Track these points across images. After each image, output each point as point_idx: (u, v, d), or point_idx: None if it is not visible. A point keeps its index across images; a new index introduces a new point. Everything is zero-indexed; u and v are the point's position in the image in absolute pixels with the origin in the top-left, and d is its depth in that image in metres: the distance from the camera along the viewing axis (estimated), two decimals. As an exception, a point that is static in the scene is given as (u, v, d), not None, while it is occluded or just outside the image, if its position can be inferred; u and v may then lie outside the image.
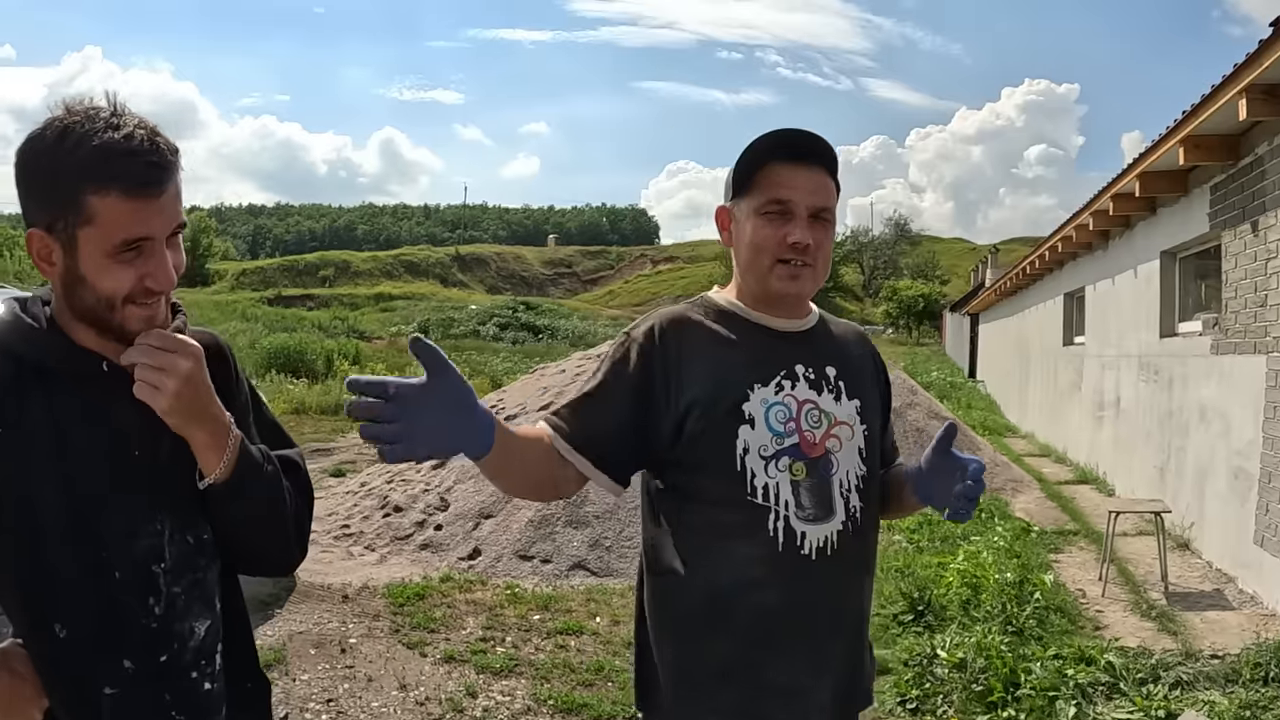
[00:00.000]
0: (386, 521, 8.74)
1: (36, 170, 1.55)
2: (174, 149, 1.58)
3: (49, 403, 1.60)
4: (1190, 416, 8.67)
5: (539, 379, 11.79)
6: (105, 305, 1.58)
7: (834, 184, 2.09)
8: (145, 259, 1.57)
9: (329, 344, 30.95)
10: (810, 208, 2.02)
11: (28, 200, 1.58)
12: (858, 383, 2.12)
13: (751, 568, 1.96)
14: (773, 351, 2.06)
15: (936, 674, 5.20)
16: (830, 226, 2.08)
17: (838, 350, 2.15)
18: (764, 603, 1.96)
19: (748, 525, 1.96)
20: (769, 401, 2.00)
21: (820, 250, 2.05)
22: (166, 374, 1.57)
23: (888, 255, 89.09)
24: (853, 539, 2.01)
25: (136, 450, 1.64)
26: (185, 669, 1.67)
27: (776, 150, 2.04)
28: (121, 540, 1.61)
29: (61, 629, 1.59)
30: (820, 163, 2.06)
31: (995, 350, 28.07)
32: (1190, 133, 7.49)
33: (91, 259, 1.55)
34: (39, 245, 1.57)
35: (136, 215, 1.54)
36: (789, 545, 1.96)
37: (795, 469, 1.98)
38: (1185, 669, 5.25)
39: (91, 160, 1.50)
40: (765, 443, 1.97)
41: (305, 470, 1.89)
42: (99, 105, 1.55)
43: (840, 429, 2.04)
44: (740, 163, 2.07)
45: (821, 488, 2.00)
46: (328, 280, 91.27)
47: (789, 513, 1.96)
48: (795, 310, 2.14)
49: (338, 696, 5.19)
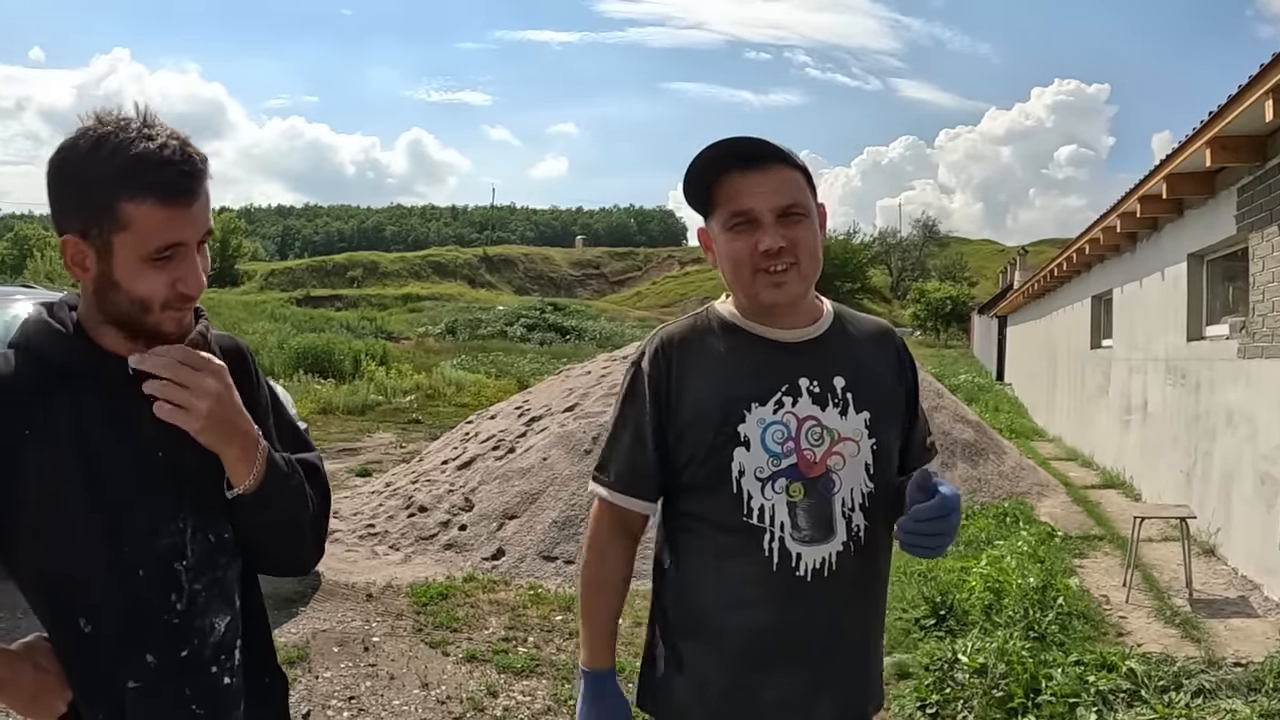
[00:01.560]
0: (411, 521, 8.79)
1: (72, 179, 1.60)
2: (204, 158, 1.64)
3: (75, 405, 1.64)
4: (1217, 421, 8.61)
5: (564, 380, 11.82)
6: (140, 309, 1.62)
7: (800, 176, 2.02)
8: (177, 264, 1.62)
9: (357, 344, 31.08)
10: (775, 209, 1.97)
11: (62, 207, 1.63)
12: (870, 391, 2.07)
13: (745, 588, 1.98)
14: (774, 366, 2.03)
15: (957, 679, 5.18)
16: (806, 220, 2.01)
17: (850, 356, 2.10)
18: (757, 623, 1.98)
19: (743, 546, 1.97)
20: (766, 421, 1.98)
21: (800, 247, 1.99)
22: (195, 395, 1.61)
23: (916, 257, 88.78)
24: (854, 559, 2.00)
25: (160, 452, 1.68)
26: (206, 664, 1.72)
27: (725, 161, 2.00)
28: (145, 539, 1.66)
29: (86, 624, 1.64)
30: (775, 161, 2.00)
31: (1023, 353, 27.92)
32: (1217, 134, 7.43)
33: (126, 264, 1.59)
34: (73, 251, 1.62)
35: (170, 222, 1.59)
36: (783, 566, 1.96)
37: (793, 490, 1.97)
38: (1208, 677, 5.21)
39: (127, 169, 1.55)
40: (761, 464, 1.97)
41: (324, 473, 1.94)
42: (129, 115, 1.60)
43: (844, 445, 2.01)
44: (690, 182, 2.04)
45: (820, 508, 1.98)
46: (356, 281, 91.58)
47: (784, 534, 1.96)
48: (798, 317, 2.09)
49: (360, 694, 5.24)
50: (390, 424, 19.14)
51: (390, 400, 22.40)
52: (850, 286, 72.82)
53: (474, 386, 25.28)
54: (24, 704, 1.68)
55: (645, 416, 2.05)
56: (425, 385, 24.46)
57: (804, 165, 2.03)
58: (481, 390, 24.47)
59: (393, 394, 23.02)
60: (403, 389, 23.68)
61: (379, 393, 22.93)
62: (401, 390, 23.54)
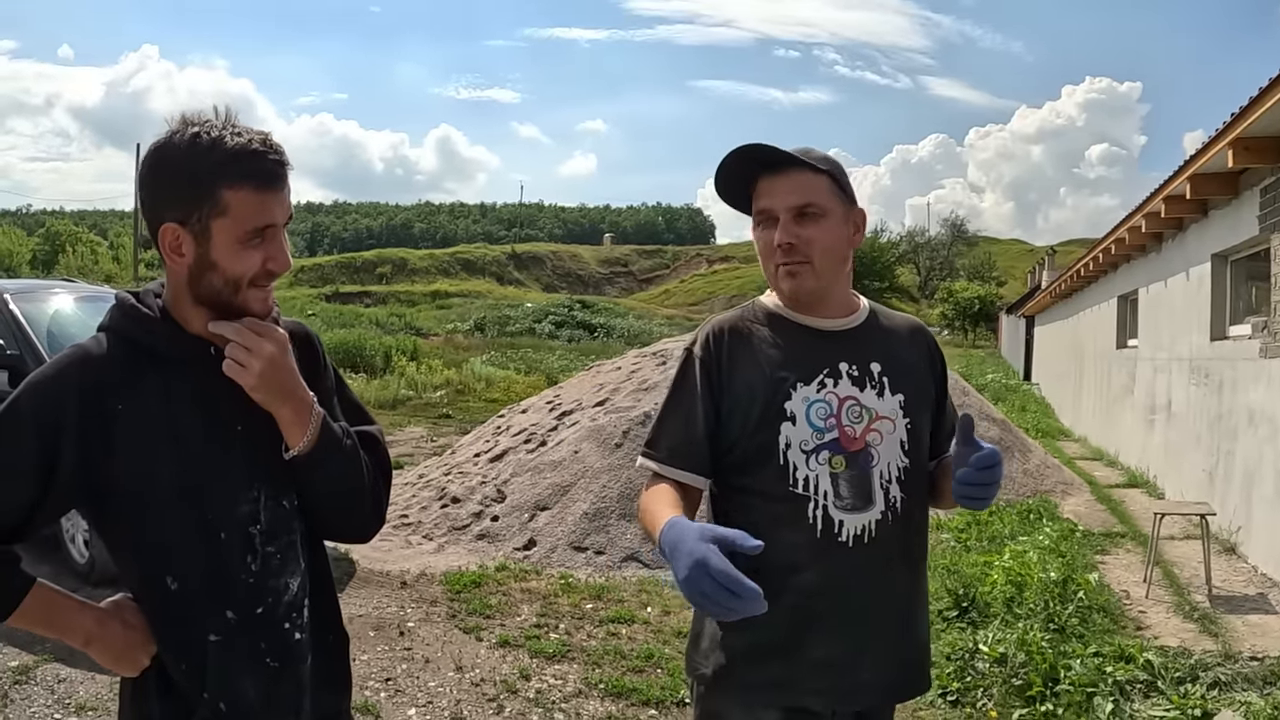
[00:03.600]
0: (444, 512, 8.97)
1: (173, 171, 1.77)
2: (284, 150, 1.83)
3: (163, 385, 1.81)
4: (1239, 420, 8.67)
5: (594, 376, 11.96)
6: (232, 288, 1.80)
7: (823, 180, 2.19)
8: (268, 244, 1.82)
9: (388, 340, 31.34)
10: (790, 208, 2.16)
11: (161, 198, 1.79)
12: (904, 377, 2.25)
13: (793, 553, 2.12)
14: (816, 350, 2.21)
15: (977, 668, 5.31)
16: (821, 219, 2.17)
17: (885, 345, 2.28)
18: (804, 584, 2.12)
19: (790, 514, 2.13)
20: (810, 399, 2.16)
21: (812, 245, 2.17)
22: (253, 355, 1.79)
23: (944, 256, 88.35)
24: (893, 527, 2.16)
25: (239, 426, 1.85)
26: (279, 620, 1.88)
27: (754, 166, 2.21)
28: (226, 506, 1.83)
29: (173, 582, 1.81)
30: (797, 166, 2.18)
31: (1050, 353, 27.82)
32: (1239, 135, 7.46)
33: (224, 246, 1.77)
34: (171, 238, 1.79)
35: (264, 206, 1.79)
36: (827, 532, 2.12)
37: (835, 462, 2.14)
38: (1224, 670, 5.30)
39: (227, 160, 1.74)
40: (806, 438, 2.14)
41: (384, 446, 2.10)
42: (209, 117, 1.79)
43: (881, 423, 2.18)
44: (724, 186, 2.27)
45: (861, 479, 2.15)
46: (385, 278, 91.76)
47: (827, 502, 2.13)
48: (835, 309, 2.28)
49: (396, 676, 5.41)
50: (421, 418, 19.36)
51: (421, 395, 22.61)
52: (878, 285, 72.27)
53: (503, 382, 25.44)
54: (113, 658, 1.84)
55: (698, 397, 2.21)
56: (455, 381, 24.65)
57: (831, 170, 2.21)
58: (511, 386, 24.62)
59: (423, 389, 23.21)
60: (433, 384, 23.86)
61: (410, 388, 23.14)
62: (432, 385, 23.72)
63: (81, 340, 1.86)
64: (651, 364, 11.16)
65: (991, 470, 2.03)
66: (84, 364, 1.79)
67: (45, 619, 1.82)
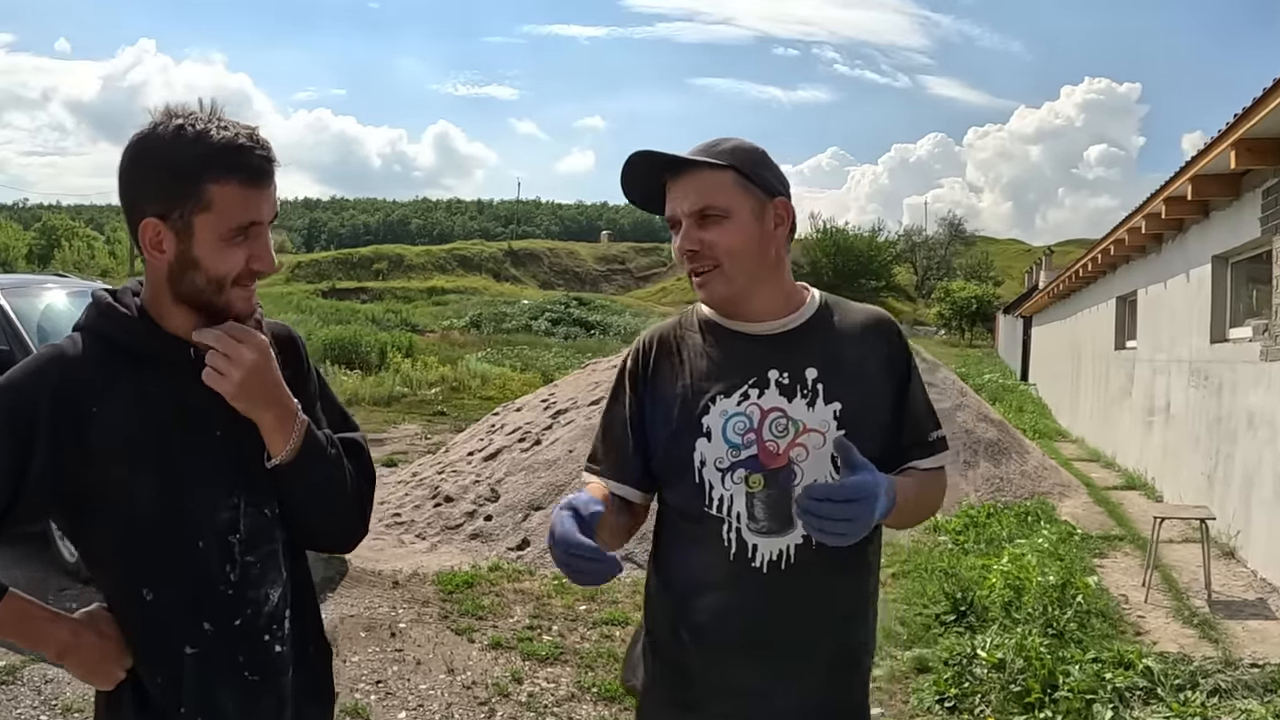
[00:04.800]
0: (437, 511, 8.91)
1: (155, 163, 1.71)
2: (272, 146, 1.76)
3: (140, 386, 1.74)
4: (1239, 423, 8.62)
5: (590, 374, 11.91)
6: (214, 287, 1.74)
7: (727, 174, 2.01)
8: (252, 242, 1.75)
9: (383, 336, 31.21)
10: (690, 212, 2.02)
11: (142, 192, 1.73)
12: (845, 382, 2.04)
13: (706, 573, 2.02)
14: (744, 358, 2.06)
15: (975, 674, 5.26)
16: (724, 220, 2.01)
17: (828, 347, 2.08)
18: (714, 606, 2.02)
19: (704, 534, 2.02)
20: (729, 413, 2.01)
21: (717, 248, 2.01)
22: (233, 362, 1.71)
23: (941, 255, 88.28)
24: (815, 553, 1.97)
25: (218, 431, 1.78)
26: (259, 632, 1.82)
27: (658, 170, 2.08)
28: (204, 513, 1.76)
29: (149, 593, 1.74)
30: (692, 167, 2.03)
31: (1047, 353, 27.81)
32: (1242, 136, 7.42)
33: (206, 243, 1.71)
34: (152, 233, 1.72)
35: (249, 202, 1.72)
36: (740, 556, 1.99)
37: (752, 481, 1.99)
38: (1224, 677, 5.25)
39: (212, 153, 1.68)
40: (721, 455, 2.00)
41: (368, 453, 2.04)
42: (194, 109, 1.72)
43: (809, 437, 2.00)
44: (633, 193, 2.15)
45: (780, 500, 1.98)
46: (381, 274, 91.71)
47: (740, 524, 1.99)
48: (771, 310, 2.11)
49: (387, 678, 5.36)
50: (416, 415, 19.28)
51: (416, 392, 22.50)
52: (875, 284, 72.32)
53: (499, 380, 25.35)
54: (88, 670, 1.79)
55: (626, 410, 2.14)
56: (450, 378, 24.54)
57: (736, 163, 2.03)
58: (506, 383, 24.53)
59: (418, 386, 23.11)
60: (428, 381, 23.77)
61: (405, 384, 23.03)
62: (427, 382, 23.63)
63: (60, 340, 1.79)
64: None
65: (843, 505, 1.78)
66: (58, 365, 1.72)
67: (18, 630, 1.76)
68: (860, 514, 1.79)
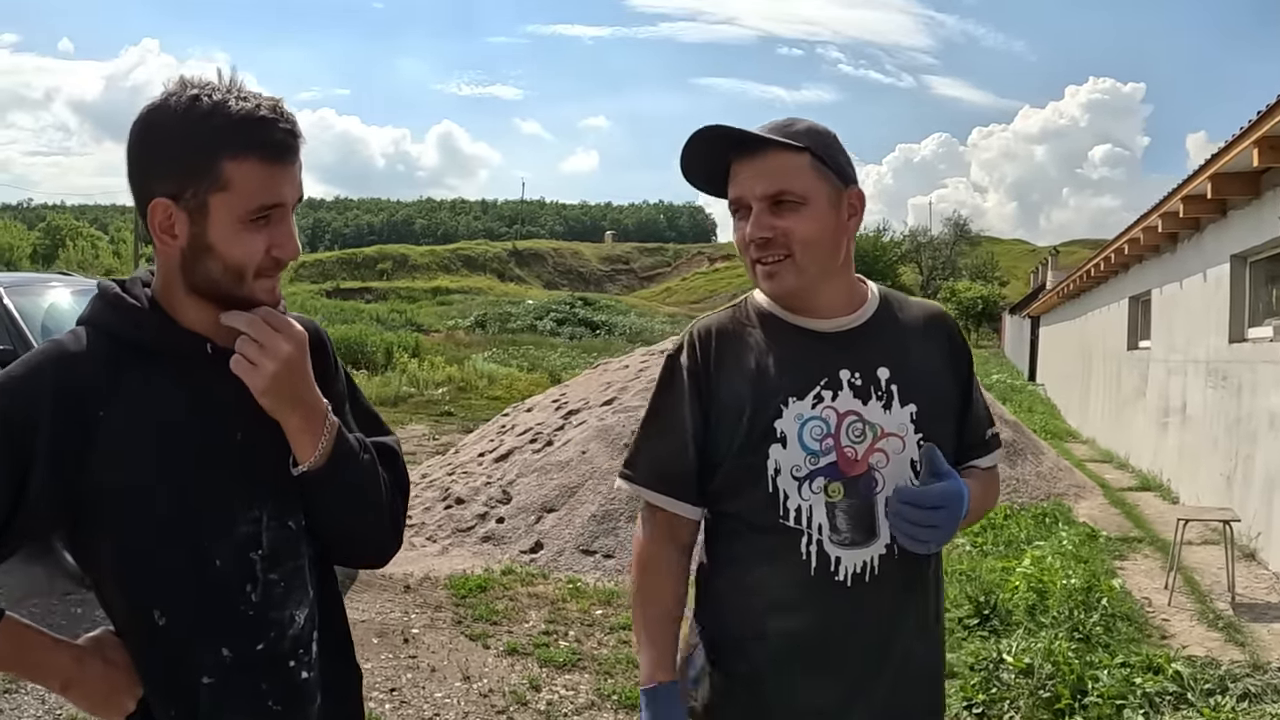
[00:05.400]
0: (448, 513, 8.80)
1: (165, 138, 1.53)
2: (296, 120, 1.59)
3: (150, 385, 1.56)
4: (1259, 424, 8.51)
5: (601, 374, 11.80)
6: (233, 276, 1.56)
7: (803, 157, 1.86)
8: (274, 227, 1.57)
9: (389, 336, 31.24)
10: (763, 196, 1.86)
11: (151, 169, 1.55)
12: (918, 383, 1.93)
13: (784, 591, 1.88)
14: (813, 358, 1.91)
15: (1003, 679, 5.15)
16: (803, 207, 1.85)
17: (896, 345, 1.96)
18: (794, 626, 1.88)
19: (780, 549, 1.87)
20: (804, 417, 1.86)
21: (791, 236, 1.86)
22: (266, 352, 1.55)
23: (946, 256, 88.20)
24: (898, 563, 1.88)
25: (239, 434, 1.60)
26: (283, 657, 1.64)
27: (727, 146, 1.91)
28: (222, 526, 1.58)
29: (161, 616, 1.56)
30: (769, 146, 1.87)
31: (1056, 354, 27.73)
32: (1265, 134, 7.33)
33: (222, 226, 1.53)
34: (162, 216, 1.54)
35: (271, 181, 1.54)
36: (821, 570, 1.86)
37: (831, 490, 1.85)
38: (1253, 681, 5.17)
39: (230, 126, 1.50)
40: (798, 462, 1.85)
41: (402, 459, 1.85)
42: (210, 80, 1.55)
43: (888, 441, 1.88)
44: (693, 171, 1.98)
45: (862, 509, 1.86)
46: (385, 274, 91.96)
47: (822, 536, 1.85)
48: (836, 306, 1.97)
49: (401, 686, 5.25)
50: (423, 416, 19.22)
51: (422, 392, 22.46)
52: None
53: (506, 380, 25.31)
54: (94, 702, 1.61)
55: (684, 410, 1.94)
56: (457, 378, 24.50)
57: (813, 145, 1.88)
58: (513, 384, 24.48)
59: (425, 386, 23.07)
60: (435, 381, 23.73)
61: (411, 385, 23.00)
62: (433, 382, 23.59)
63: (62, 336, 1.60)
64: (660, 362, 10.99)
65: (931, 511, 1.77)
66: (60, 362, 1.54)
67: (15, 659, 1.58)
68: (948, 521, 1.78)
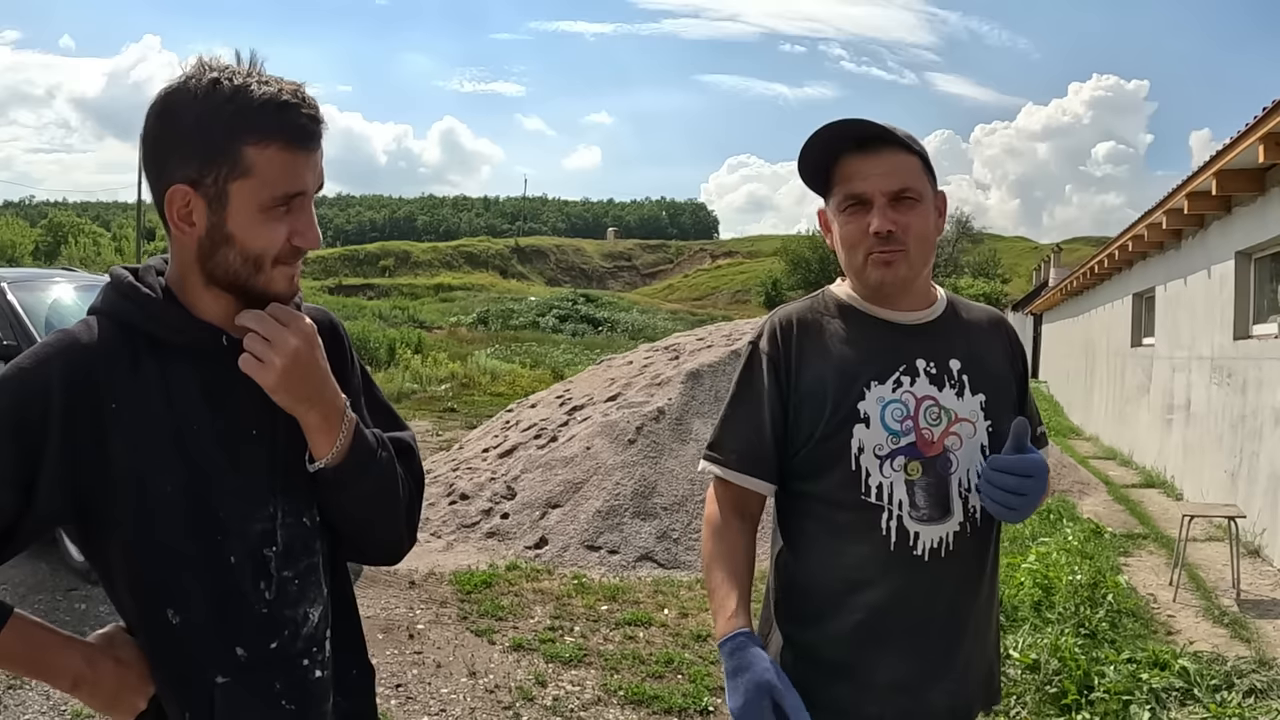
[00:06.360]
0: (453, 509, 8.80)
1: (185, 122, 1.48)
2: (319, 106, 1.55)
3: (164, 378, 1.52)
4: (1264, 420, 8.51)
5: (605, 370, 11.81)
6: (252, 266, 1.52)
7: (916, 161, 2.01)
8: (295, 216, 1.53)
9: (392, 333, 31.25)
10: (887, 192, 1.97)
11: (169, 155, 1.50)
12: (985, 375, 2.06)
13: (863, 567, 1.96)
14: (892, 346, 2.03)
15: (1009, 675, 5.15)
16: (919, 204, 1.99)
17: (964, 341, 2.09)
18: (873, 601, 1.96)
19: (860, 525, 1.96)
20: (885, 399, 1.97)
21: (910, 232, 1.98)
22: (275, 348, 1.51)
23: (949, 253, 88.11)
24: (970, 540, 1.98)
25: (254, 429, 1.57)
26: (296, 656, 1.61)
27: (841, 143, 2.01)
28: (236, 523, 1.55)
29: (174, 615, 1.53)
30: (890, 145, 1.99)
31: (1059, 351, 27.73)
32: (1271, 130, 7.34)
33: (242, 214, 1.49)
34: (180, 203, 1.49)
35: (293, 168, 1.50)
36: (901, 545, 1.94)
37: (910, 468, 1.95)
38: (1259, 677, 5.17)
39: (252, 112, 1.46)
40: (880, 442, 1.95)
41: (418, 455, 1.81)
42: (230, 63, 1.50)
43: (961, 426, 1.99)
44: (806, 163, 2.06)
45: (938, 487, 1.96)
46: (388, 270, 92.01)
47: (902, 512, 1.94)
48: (913, 301, 2.09)
49: (407, 682, 5.24)
50: (426, 412, 19.22)
51: (425, 389, 22.48)
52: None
53: (509, 376, 25.36)
54: (104, 702, 1.57)
55: (764, 396, 2.04)
56: (460, 374, 24.53)
57: (922, 151, 2.02)
58: (516, 380, 24.52)
59: (428, 382, 23.09)
60: (438, 377, 23.76)
61: (414, 381, 23.02)
62: (437, 379, 23.61)
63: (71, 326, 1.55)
64: (664, 359, 11.00)
65: (1021, 479, 1.89)
66: (70, 353, 1.49)
67: (24, 657, 1.52)
68: (1036, 491, 1.90)
